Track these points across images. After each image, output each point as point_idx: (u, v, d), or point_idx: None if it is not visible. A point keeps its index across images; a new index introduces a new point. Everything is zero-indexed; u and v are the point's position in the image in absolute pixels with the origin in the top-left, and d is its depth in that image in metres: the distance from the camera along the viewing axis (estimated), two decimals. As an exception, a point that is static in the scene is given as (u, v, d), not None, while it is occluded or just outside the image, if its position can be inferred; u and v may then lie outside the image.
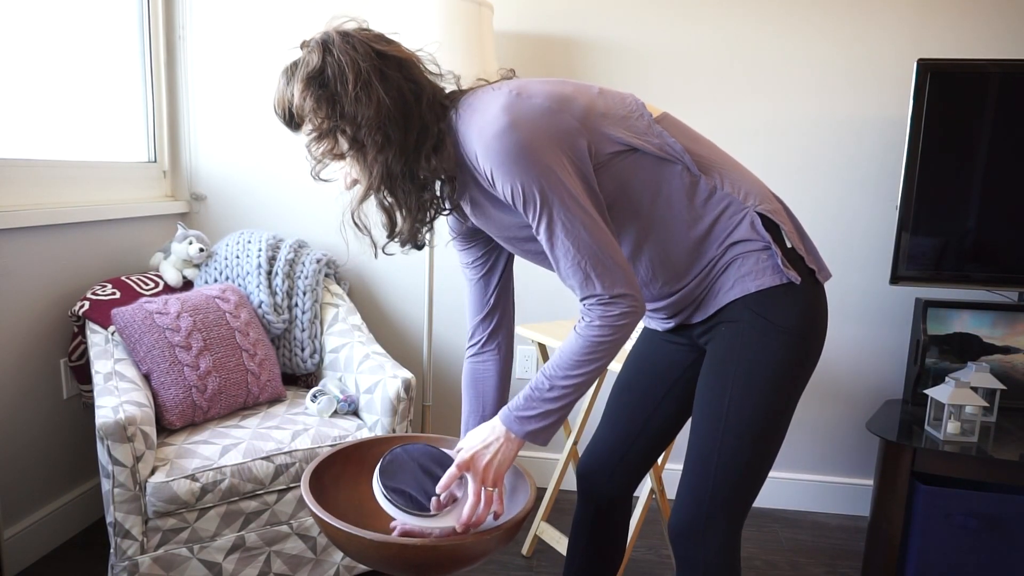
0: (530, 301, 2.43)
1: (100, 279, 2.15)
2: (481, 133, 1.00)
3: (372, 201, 1.08)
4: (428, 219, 1.11)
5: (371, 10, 2.34)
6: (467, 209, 1.16)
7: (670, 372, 1.27)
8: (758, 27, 2.23)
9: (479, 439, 1.11)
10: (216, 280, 2.18)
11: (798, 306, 1.07)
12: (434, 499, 1.12)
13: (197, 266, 2.22)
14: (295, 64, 1.04)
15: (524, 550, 2.10)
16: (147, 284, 2.11)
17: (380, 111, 1.00)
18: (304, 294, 2.18)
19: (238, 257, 2.19)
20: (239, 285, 2.15)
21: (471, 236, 1.24)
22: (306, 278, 2.20)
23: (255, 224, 2.51)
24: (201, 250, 2.18)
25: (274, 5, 2.38)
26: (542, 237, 1.03)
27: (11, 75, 1.90)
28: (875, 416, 2.07)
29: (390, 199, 1.07)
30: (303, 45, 1.05)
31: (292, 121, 1.06)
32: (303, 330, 2.15)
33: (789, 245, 1.09)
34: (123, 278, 2.08)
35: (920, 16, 2.17)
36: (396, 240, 1.11)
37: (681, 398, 1.28)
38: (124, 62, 2.32)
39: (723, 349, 1.11)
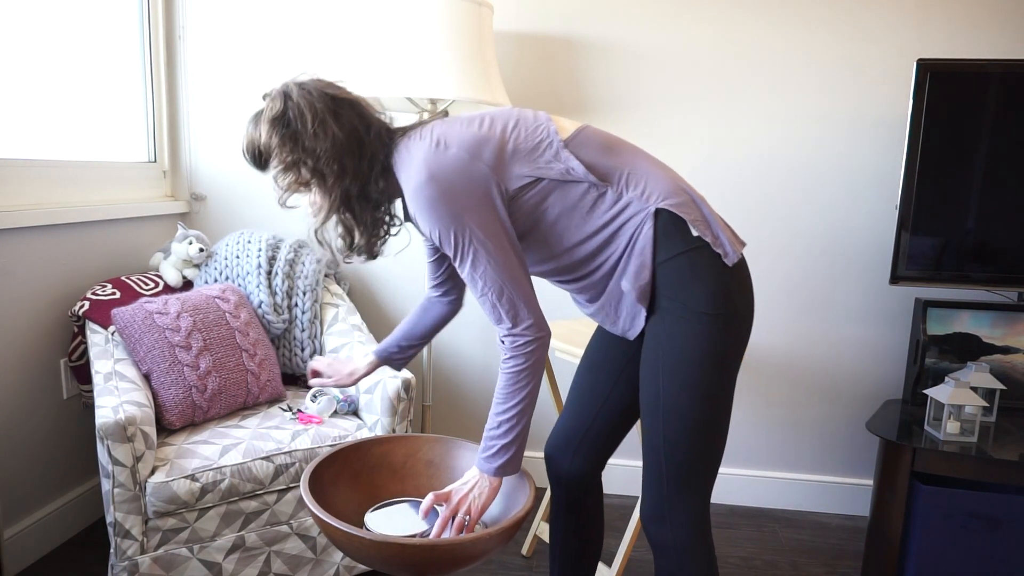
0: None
1: (100, 279, 2.15)
2: (407, 183, 1.17)
3: (333, 219, 1.24)
4: (383, 233, 1.28)
5: (372, 10, 2.34)
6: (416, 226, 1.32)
7: (625, 352, 1.36)
8: (758, 27, 2.23)
9: (462, 479, 1.23)
10: (216, 280, 2.18)
11: (708, 289, 1.14)
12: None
13: (197, 266, 2.22)
14: (260, 112, 1.21)
15: (524, 550, 2.10)
16: (147, 284, 2.11)
17: (335, 144, 1.17)
18: (304, 294, 2.18)
19: (238, 257, 2.19)
20: (239, 285, 2.15)
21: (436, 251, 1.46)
22: (306, 278, 2.20)
23: (255, 224, 2.51)
24: (201, 250, 2.18)
25: (273, 6, 2.38)
26: (461, 273, 1.19)
27: (11, 75, 1.90)
28: (875, 416, 2.07)
29: (349, 217, 1.23)
30: (265, 96, 1.23)
31: (259, 160, 1.22)
32: (303, 330, 2.15)
33: (695, 234, 1.15)
34: (123, 278, 2.08)
35: (920, 16, 2.17)
36: (355, 252, 1.27)
37: (634, 378, 1.36)
38: (124, 62, 2.32)
39: (651, 337, 1.19)
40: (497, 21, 2.30)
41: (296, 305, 2.17)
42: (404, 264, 2.47)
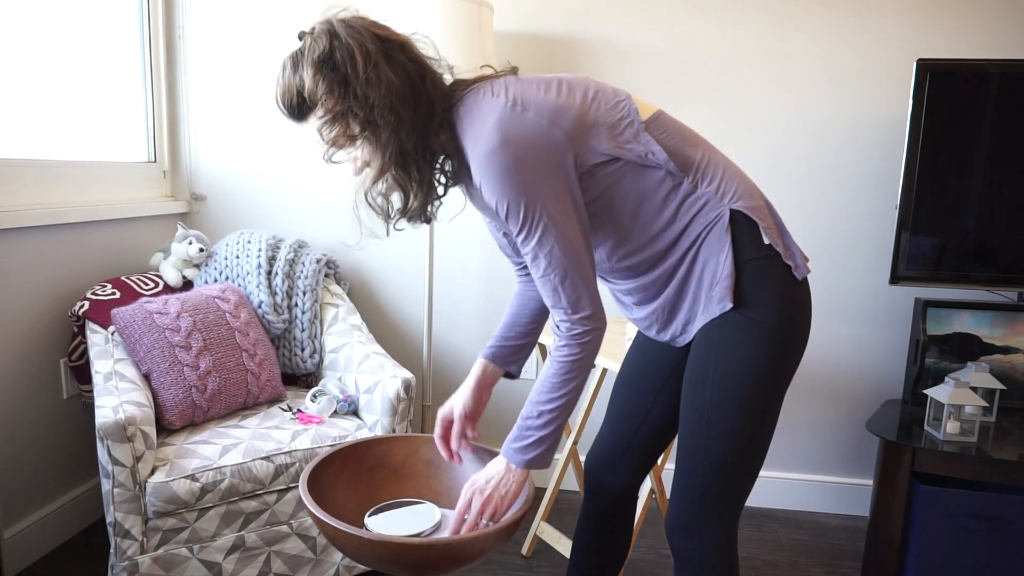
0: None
1: (100, 279, 2.15)
2: (476, 145, 1.04)
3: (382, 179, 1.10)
4: (439, 194, 1.15)
5: (371, 10, 2.34)
6: (465, 192, 1.19)
7: (666, 365, 1.29)
8: (758, 27, 2.23)
9: (483, 476, 1.16)
10: (216, 280, 2.18)
11: (774, 301, 1.08)
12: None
13: (197, 266, 2.22)
14: (300, 52, 1.06)
15: (524, 550, 2.10)
16: (147, 284, 2.11)
17: (391, 91, 1.03)
18: (304, 294, 2.18)
19: (238, 257, 2.19)
20: (239, 285, 2.15)
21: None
22: (306, 278, 2.20)
23: (255, 224, 2.51)
24: (201, 250, 2.18)
25: (273, 5, 2.38)
26: (522, 248, 1.07)
27: (11, 75, 1.90)
28: (875, 416, 2.07)
29: (403, 176, 1.08)
30: (303, 35, 1.07)
31: (301, 108, 1.07)
32: (303, 330, 2.15)
33: (767, 242, 1.09)
34: (123, 278, 2.08)
35: (920, 16, 2.17)
36: (407, 217, 1.14)
37: (677, 391, 1.29)
38: (124, 62, 2.32)
39: (703, 345, 1.12)
40: (497, 21, 2.30)
41: (296, 305, 2.17)
42: (404, 264, 2.47)
